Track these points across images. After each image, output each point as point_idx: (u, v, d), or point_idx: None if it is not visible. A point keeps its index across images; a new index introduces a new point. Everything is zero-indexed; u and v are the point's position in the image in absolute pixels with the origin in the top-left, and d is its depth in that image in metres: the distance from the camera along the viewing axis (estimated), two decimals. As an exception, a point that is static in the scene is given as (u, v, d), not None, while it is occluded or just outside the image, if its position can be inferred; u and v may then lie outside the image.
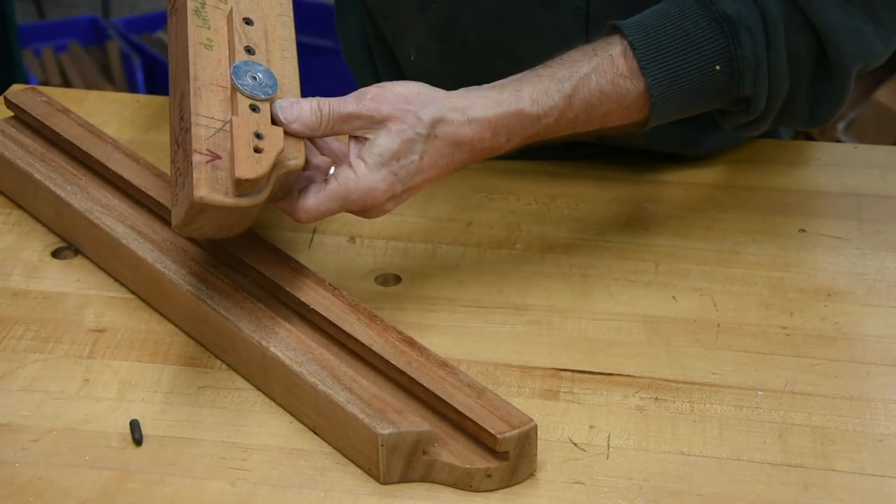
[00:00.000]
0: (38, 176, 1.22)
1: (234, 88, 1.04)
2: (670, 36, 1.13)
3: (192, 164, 0.99)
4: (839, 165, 1.38)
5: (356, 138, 1.07)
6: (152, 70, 3.14)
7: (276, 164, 1.01)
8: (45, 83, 3.09)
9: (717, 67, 1.14)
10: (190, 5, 1.08)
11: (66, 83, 3.13)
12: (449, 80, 1.16)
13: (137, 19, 3.41)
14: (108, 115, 1.42)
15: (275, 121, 1.04)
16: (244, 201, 0.99)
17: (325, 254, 1.22)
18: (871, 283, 1.20)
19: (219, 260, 1.12)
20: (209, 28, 1.07)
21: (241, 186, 0.99)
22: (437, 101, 1.07)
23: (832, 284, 1.20)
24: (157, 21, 3.39)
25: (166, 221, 1.16)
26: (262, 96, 1.05)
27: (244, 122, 1.02)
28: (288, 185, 1.05)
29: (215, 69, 1.05)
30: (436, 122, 1.06)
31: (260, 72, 1.06)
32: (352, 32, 1.44)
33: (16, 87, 1.36)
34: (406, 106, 1.06)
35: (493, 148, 1.10)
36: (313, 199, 1.06)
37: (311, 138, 1.07)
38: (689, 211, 1.30)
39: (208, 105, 1.03)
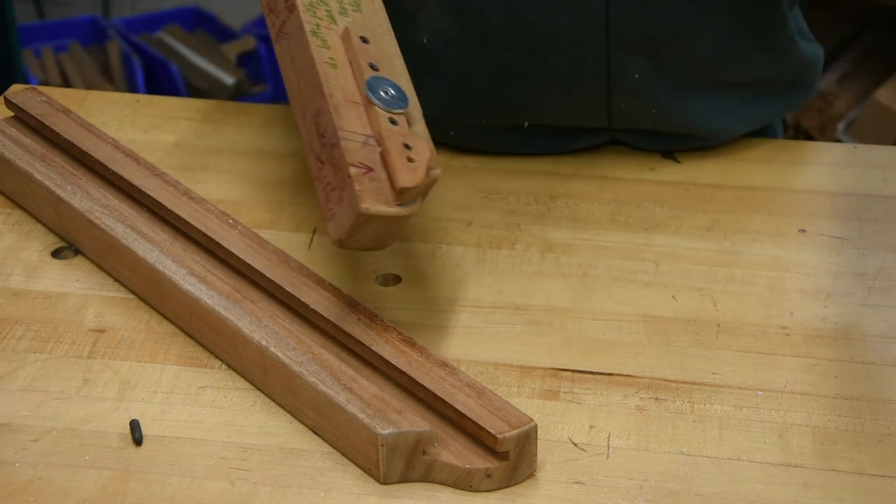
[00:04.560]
0: (38, 176, 1.22)
1: (369, 103, 1.06)
2: None
3: (349, 176, 1.01)
4: (839, 165, 1.37)
5: None
6: (152, 70, 3.14)
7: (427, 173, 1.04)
8: (45, 83, 3.10)
9: None
10: (307, 27, 1.09)
11: (66, 83, 3.13)
12: (463, 59, 1.15)
13: (137, 19, 3.41)
14: (108, 115, 1.42)
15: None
16: (404, 210, 1.01)
17: (325, 254, 1.22)
18: (871, 283, 1.20)
19: (219, 260, 1.12)
20: (329, 48, 1.09)
21: (403, 195, 1.01)
22: None
23: (832, 284, 1.20)
24: (157, 21, 3.40)
25: (166, 221, 1.16)
26: (398, 110, 1.06)
27: (392, 134, 1.04)
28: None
29: (345, 87, 1.07)
30: None
31: (390, 86, 1.08)
32: None
33: (16, 87, 1.36)
34: None
35: None
36: None
37: None
38: (689, 211, 1.30)
39: (348, 121, 1.05)
